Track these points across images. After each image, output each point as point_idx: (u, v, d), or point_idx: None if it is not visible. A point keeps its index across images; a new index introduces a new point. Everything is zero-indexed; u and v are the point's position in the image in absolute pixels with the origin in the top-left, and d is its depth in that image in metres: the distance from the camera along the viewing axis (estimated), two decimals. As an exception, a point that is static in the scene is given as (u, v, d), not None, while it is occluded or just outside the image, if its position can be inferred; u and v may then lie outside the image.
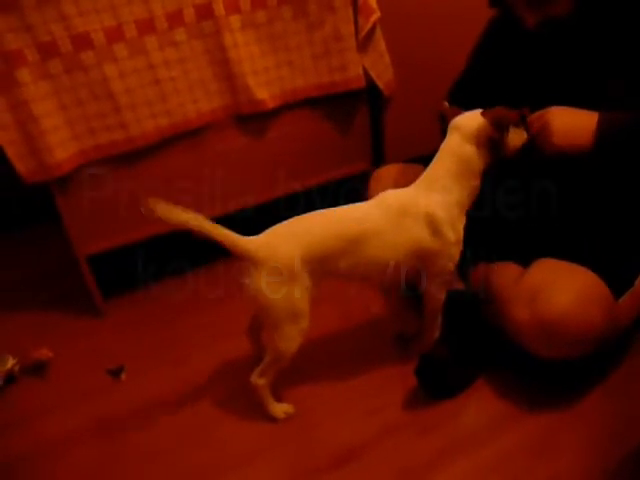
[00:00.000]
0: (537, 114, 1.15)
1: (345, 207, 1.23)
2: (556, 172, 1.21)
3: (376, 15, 1.62)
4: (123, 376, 1.48)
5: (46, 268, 2.00)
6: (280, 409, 1.28)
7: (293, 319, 1.17)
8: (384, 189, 1.26)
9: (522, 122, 1.16)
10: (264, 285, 1.14)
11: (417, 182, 1.23)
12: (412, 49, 1.80)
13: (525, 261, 1.27)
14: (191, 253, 1.75)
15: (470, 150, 1.17)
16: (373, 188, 1.47)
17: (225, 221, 1.13)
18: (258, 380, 1.24)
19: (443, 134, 1.23)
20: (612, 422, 1.17)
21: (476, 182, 1.20)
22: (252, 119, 1.67)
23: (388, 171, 1.53)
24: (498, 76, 1.32)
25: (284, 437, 1.25)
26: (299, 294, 1.16)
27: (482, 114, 1.16)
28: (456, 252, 1.23)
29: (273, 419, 1.28)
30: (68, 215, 1.56)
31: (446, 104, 1.30)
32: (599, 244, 1.23)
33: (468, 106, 1.22)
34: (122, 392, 1.44)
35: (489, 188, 1.24)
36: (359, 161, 1.88)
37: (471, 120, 1.18)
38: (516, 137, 1.16)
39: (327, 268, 1.18)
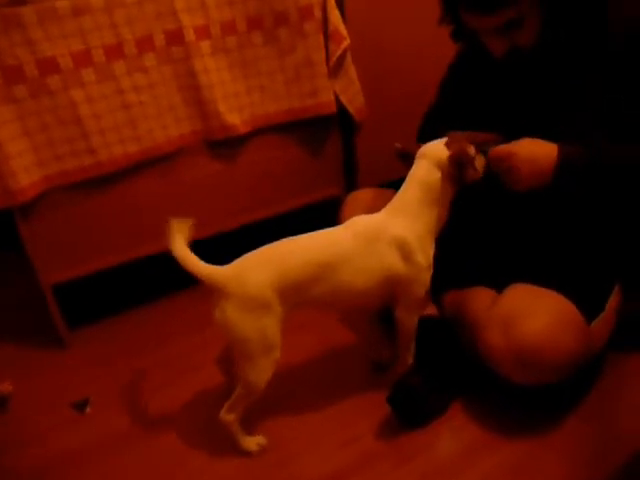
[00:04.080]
0: (503, 152, 1.14)
1: (315, 233, 1.22)
2: (524, 199, 1.22)
3: (346, 42, 1.64)
4: (88, 410, 1.44)
5: (8, 298, 1.94)
6: (252, 442, 1.25)
7: (265, 351, 1.15)
8: (358, 214, 1.26)
9: (482, 154, 1.18)
10: (235, 317, 1.11)
11: (386, 208, 1.24)
12: (382, 75, 1.82)
13: (497, 286, 1.28)
14: (159, 282, 1.72)
15: (437, 177, 1.19)
16: (347, 213, 1.46)
17: (195, 248, 1.12)
18: (227, 416, 1.20)
19: (407, 168, 1.25)
20: (588, 447, 1.17)
21: (444, 208, 1.22)
22: (223, 145, 1.66)
23: (362, 196, 1.53)
24: (467, 108, 1.34)
25: (258, 471, 1.21)
26: (271, 325, 1.14)
27: (447, 145, 1.19)
28: (427, 278, 1.23)
29: (247, 453, 1.24)
30: (32, 243, 1.51)
31: (398, 145, 1.31)
32: (570, 269, 1.24)
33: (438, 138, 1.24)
34: (87, 426, 1.39)
35: (458, 214, 1.25)
36: (331, 186, 1.88)
37: (437, 149, 1.20)
38: (474, 171, 1.19)
39: (299, 296, 1.17)
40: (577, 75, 1.16)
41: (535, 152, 1.11)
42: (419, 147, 1.25)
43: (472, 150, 1.17)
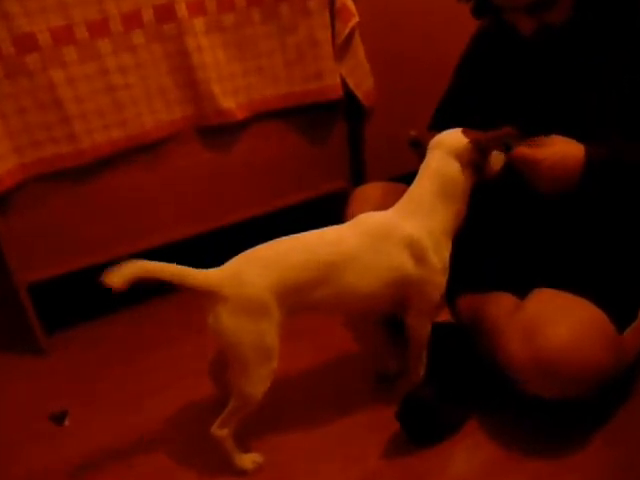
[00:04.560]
0: (529, 157, 1.10)
1: (318, 231, 1.18)
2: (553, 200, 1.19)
3: (355, 20, 1.59)
4: (67, 422, 1.40)
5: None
6: (248, 459, 1.20)
7: (262, 359, 1.11)
8: (367, 210, 1.22)
9: (504, 149, 1.15)
10: (231, 321, 1.07)
11: (397, 205, 1.20)
12: (394, 56, 1.78)
13: (520, 291, 1.23)
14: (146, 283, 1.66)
15: (454, 168, 1.15)
16: (353, 210, 1.41)
17: (186, 247, 1.06)
18: (219, 431, 1.16)
19: (420, 159, 1.22)
20: (612, 472, 1.13)
21: (461, 205, 1.18)
22: (217, 132, 1.62)
23: (371, 190, 1.49)
24: (487, 89, 1.30)
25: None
26: (270, 330, 1.10)
27: (464, 133, 1.16)
28: (442, 281, 1.19)
29: (241, 472, 1.19)
30: (7, 238, 1.48)
31: (413, 132, 1.27)
32: (600, 275, 1.19)
33: (456, 124, 1.20)
34: (66, 440, 1.34)
35: (477, 210, 1.21)
36: (336, 179, 1.84)
37: (454, 137, 1.17)
38: (497, 160, 1.16)
39: (301, 299, 1.13)
40: (604, 52, 1.13)
41: (562, 156, 1.08)
42: (432, 136, 1.20)
43: (495, 138, 1.14)
